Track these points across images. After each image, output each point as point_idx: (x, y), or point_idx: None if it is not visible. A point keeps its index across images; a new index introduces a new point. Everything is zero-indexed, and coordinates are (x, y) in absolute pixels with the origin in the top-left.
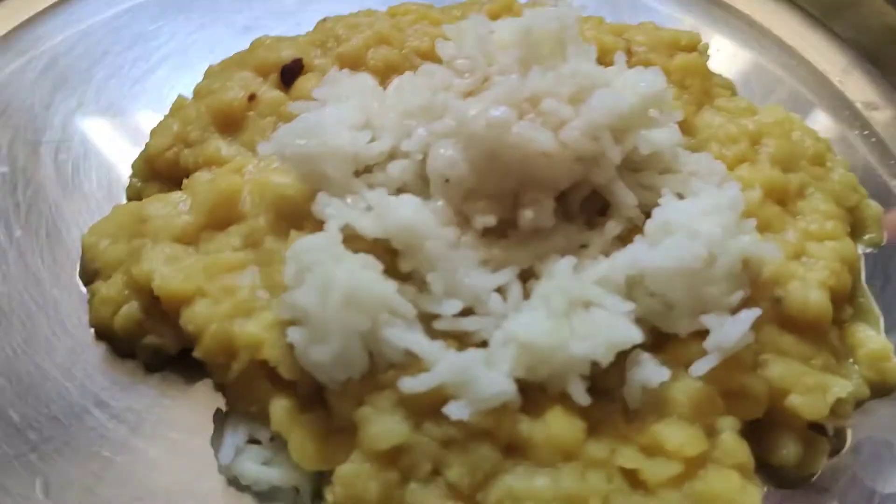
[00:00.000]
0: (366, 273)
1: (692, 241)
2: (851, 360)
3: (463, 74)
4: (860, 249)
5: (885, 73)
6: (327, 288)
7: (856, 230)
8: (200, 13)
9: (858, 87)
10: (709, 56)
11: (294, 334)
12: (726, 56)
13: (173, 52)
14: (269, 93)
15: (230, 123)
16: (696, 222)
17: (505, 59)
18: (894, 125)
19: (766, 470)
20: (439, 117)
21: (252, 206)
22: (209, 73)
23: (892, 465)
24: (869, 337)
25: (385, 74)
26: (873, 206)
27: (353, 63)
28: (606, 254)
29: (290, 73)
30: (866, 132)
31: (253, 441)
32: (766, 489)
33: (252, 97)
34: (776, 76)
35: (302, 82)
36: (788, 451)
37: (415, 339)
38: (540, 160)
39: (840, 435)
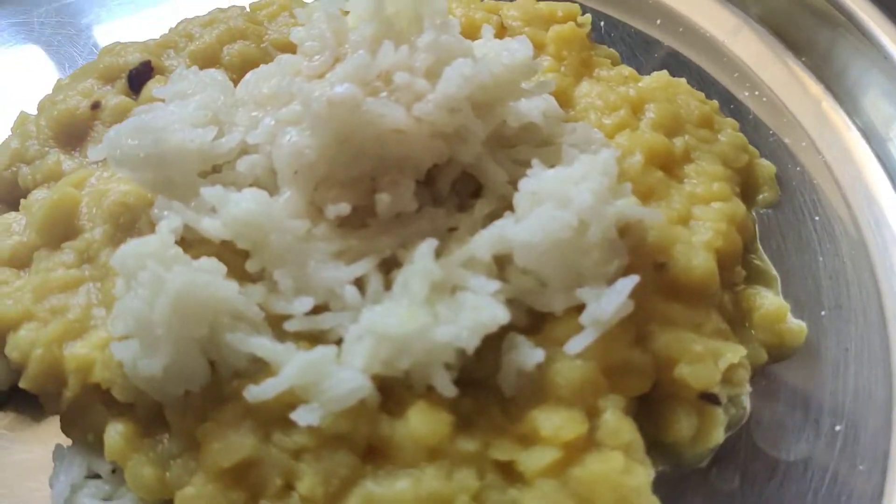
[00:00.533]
0: (200, 275)
1: (561, 211)
2: (747, 325)
3: (313, 57)
4: (755, 211)
5: (773, 32)
6: (155, 294)
7: (749, 191)
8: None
9: (747, 48)
10: (589, 28)
11: (120, 349)
12: (608, 27)
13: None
14: (115, 99)
15: (73, 135)
16: (565, 190)
17: (356, 36)
18: (784, 83)
19: (662, 449)
20: (287, 104)
21: (89, 219)
22: (57, 87)
23: (796, 432)
24: (764, 298)
25: (242, 71)
26: (766, 166)
27: (208, 61)
28: None
29: (137, 78)
30: (756, 92)
31: (94, 476)
32: (660, 469)
33: (96, 105)
34: (662, 44)
35: (152, 86)
36: (681, 425)
37: (259, 343)
38: (394, 139)
39: (739, 405)
